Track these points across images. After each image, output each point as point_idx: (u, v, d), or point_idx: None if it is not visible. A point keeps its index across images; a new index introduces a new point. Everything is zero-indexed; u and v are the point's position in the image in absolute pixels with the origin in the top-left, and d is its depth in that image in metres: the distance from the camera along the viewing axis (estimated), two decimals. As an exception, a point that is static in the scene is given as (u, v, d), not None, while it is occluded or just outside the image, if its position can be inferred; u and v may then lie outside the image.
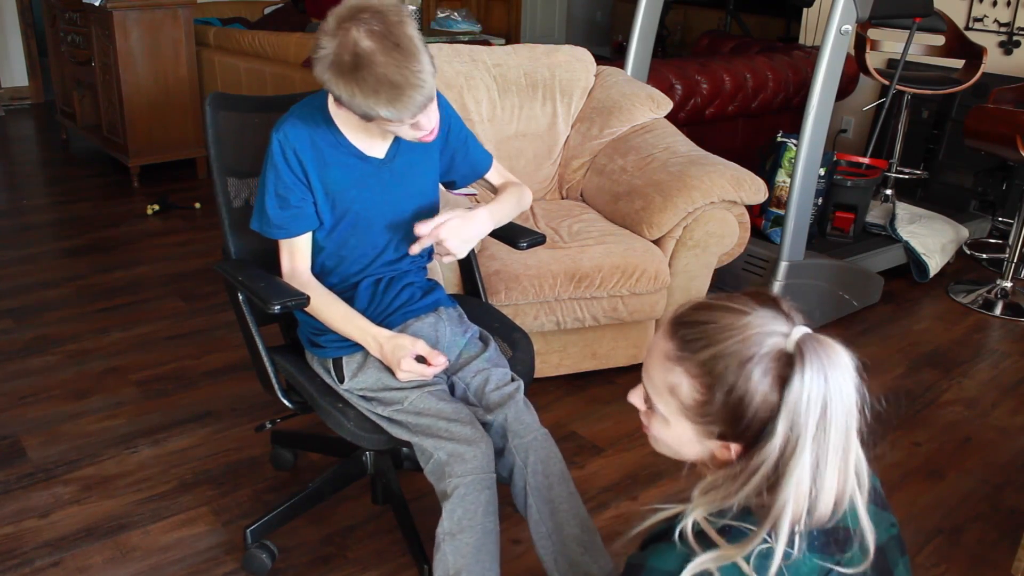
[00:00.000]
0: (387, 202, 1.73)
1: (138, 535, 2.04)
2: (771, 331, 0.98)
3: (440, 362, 1.66)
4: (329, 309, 1.71)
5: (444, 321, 1.81)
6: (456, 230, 1.68)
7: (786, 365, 0.96)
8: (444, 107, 1.79)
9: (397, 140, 1.72)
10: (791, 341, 0.97)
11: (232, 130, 1.87)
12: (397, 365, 1.64)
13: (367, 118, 1.53)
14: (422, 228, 1.66)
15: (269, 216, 1.69)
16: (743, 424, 0.98)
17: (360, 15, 1.45)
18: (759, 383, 0.96)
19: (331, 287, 1.75)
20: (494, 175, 1.96)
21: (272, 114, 1.72)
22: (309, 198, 1.69)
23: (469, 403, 1.72)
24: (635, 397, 1.11)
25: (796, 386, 0.94)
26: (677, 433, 1.04)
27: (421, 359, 1.67)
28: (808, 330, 0.99)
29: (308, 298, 1.66)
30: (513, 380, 1.74)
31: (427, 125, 1.59)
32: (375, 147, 1.72)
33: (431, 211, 1.81)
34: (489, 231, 1.80)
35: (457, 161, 1.87)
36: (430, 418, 1.62)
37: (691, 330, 1.00)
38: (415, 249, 1.71)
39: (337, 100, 1.52)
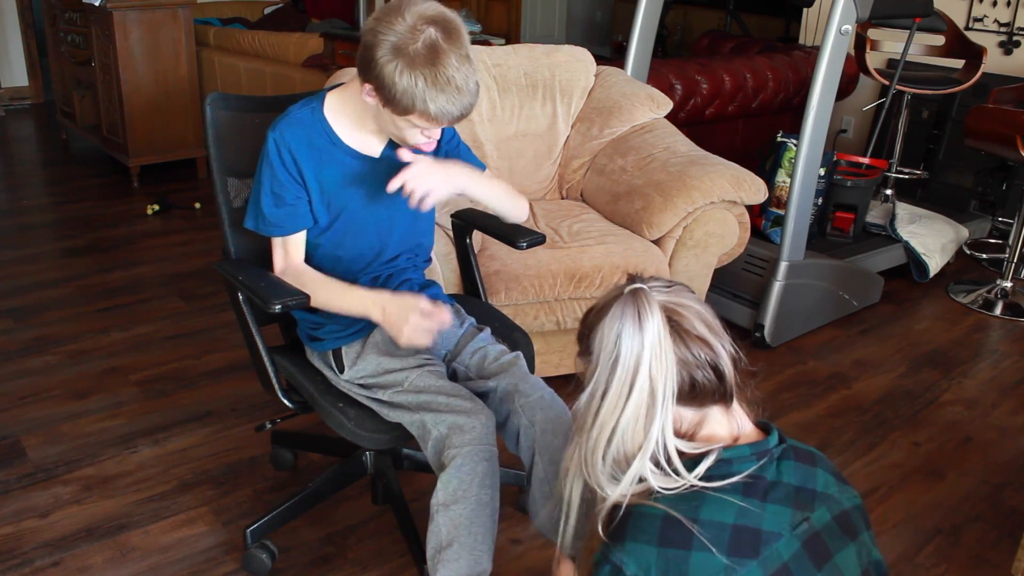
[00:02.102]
0: (382, 200, 1.73)
1: (138, 535, 2.04)
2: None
3: (446, 317, 1.64)
4: (326, 289, 1.69)
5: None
6: (423, 176, 1.61)
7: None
8: None
9: (391, 140, 1.72)
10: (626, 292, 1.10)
11: (232, 130, 1.87)
12: (405, 321, 1.61)
13: (406, 110, 1.51)
14: (393, 185, 1.61)
15: (265, 214, 1.69)
16: None
17: (439, 19, 1.49)
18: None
19: None
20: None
21: (272, 114, 1.72)
22: (304, 196, 1.69)
23: (470, 381, 1.73)
24: None
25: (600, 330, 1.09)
26: None
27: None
28: (642, 286, 1.10)
29: (308, 297, 1.66)
30: (512, 352, 1.76)
31: (438, 135, 1.62)
32: (369, 146, 1.73)
33: (427, 211, 1.82)
34: (461, 187, 1.70)
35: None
36: (430, 394, 1.62)
37: None
38: (392, 186, 1.62)
39: (376, 83, 1.50)
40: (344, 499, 2.17)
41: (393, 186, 1.60)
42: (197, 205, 4.33)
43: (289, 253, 1.74)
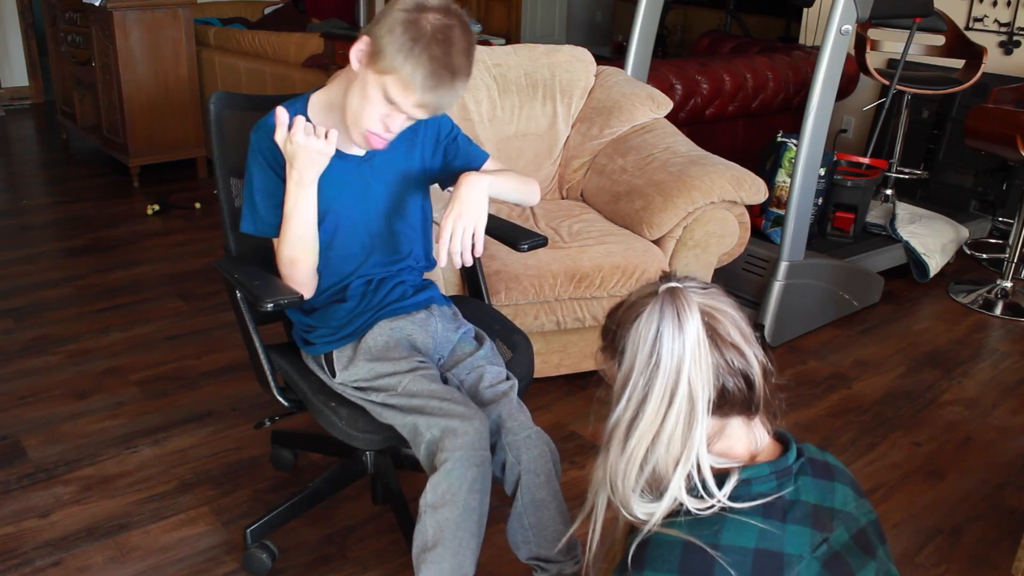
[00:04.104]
0: (369, 200, 1.72)
1: (138, 535, 2.04)
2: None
3: (332, 135, 1.59)
4: (283, 236, 1.65)
5: (436, 318, 1.81)
6: (461, 220, 1.62)
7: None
8: None
9: None
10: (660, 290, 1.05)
11: (235, 129, 1.87)
12: (315, 152, 1.57)
13: (385, 70, 1.50)
14: (441, 258, 1.64)
15: (263, 216, 1.69)
16: None
17: (452, 15, 1.51)
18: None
19: (324, 288, 1.76)
20: (491, 167, 1.90)
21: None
22: None
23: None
24: None
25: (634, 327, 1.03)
26: None
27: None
28: (679, 285, 1.05)
29: (301, 297, 1.66)
30: (508, 379, 1.74)
31: (396, 128, 1.58)
32: (354, 146, 1.71)
33: (416, 209, 1.82)
34: (486, 196, 1.69)
35: (449, 157, 1.85)
36: (423, 398, 1.62)
37: None
38: (442, 260, 1.65)
39: (376, 32, 1.51)
40: (344, 499, 2.17)
41: (442, 259, 1.62)
42: (197, 205, 4.33)
43: None
